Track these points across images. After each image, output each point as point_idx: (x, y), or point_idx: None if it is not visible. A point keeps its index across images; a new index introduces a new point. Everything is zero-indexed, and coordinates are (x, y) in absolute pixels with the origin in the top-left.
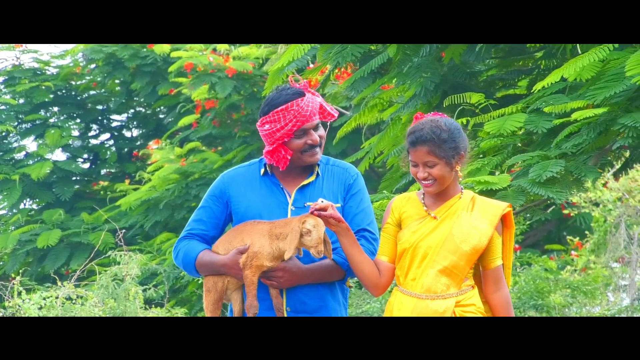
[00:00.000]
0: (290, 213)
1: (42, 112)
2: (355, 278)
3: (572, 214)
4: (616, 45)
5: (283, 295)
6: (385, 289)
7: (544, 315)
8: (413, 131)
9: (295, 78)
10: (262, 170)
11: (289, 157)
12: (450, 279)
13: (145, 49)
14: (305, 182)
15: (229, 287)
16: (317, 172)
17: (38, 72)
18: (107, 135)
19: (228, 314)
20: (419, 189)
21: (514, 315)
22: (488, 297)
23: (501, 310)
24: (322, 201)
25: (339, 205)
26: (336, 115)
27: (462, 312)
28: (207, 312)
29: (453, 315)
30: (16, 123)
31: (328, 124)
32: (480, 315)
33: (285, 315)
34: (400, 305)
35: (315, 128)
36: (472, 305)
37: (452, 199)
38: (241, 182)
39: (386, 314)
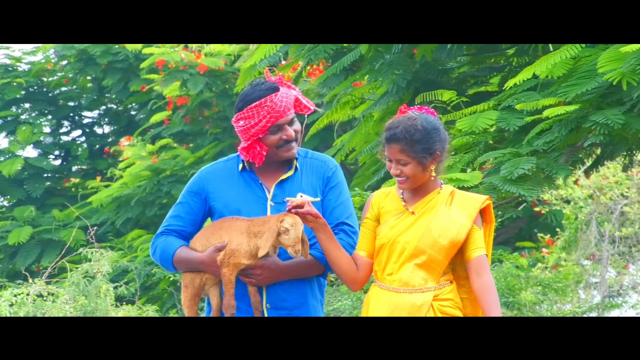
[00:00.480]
0: (270, 208)
1: (14, 109)
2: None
3: (543, 212)
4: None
5: (263, 292)
6: (364, 284)
7: (515, 312)
8: (389, 127)
9: (271, 71)
10: (240, 166)
11: (265, 153)
12: (428, 273)
13: (117, 46)
14: (284, 176)
15: (207, 283)
16: (296, 166)
17: (9, 69)
18: (78, 132)
19: (206, 308)
20: (394, 184)
21: (495, 300)
22: (472, 287)
23: (483, 297)
24: (300, 196)
25: (318, 199)
26: (312, 107)
27: (440, 306)
28: (185, 307)
29: (430, 309)
30: None
31: (305, 117)
32: (457, 310)
33: (265, 312)
34: (377, 299)
35: (291, 123)
36: (449, 300)
37: (431, 194)
38: (219, 177)
39: (363, 308)
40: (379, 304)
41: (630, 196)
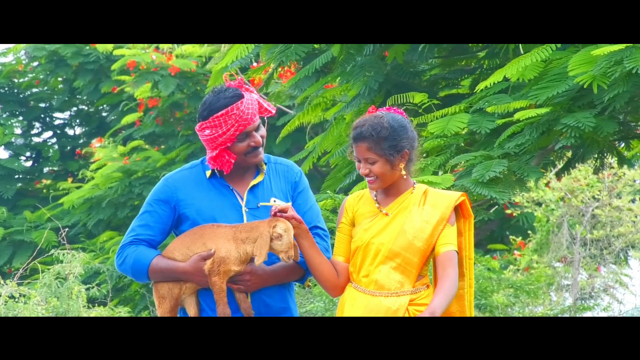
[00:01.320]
0: (245, 214)
1: None
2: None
3: (514, 214)
4: (559, 45)
5: (248, 299)
6: (344, 289)
7: (487, 314)
8: (355, 126)
9: (230, 77)
10: (209, 173)
11: (233, 161)
12: (404, 275)
13: (87, 47)
14: (254, 182)
15: (185, 292)
16: (264, 171)
17: None
18: (49, 133)
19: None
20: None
21: (447, 289)
22: (437, 281)
23: (436, 290)
24: (274, 201)
25: (289, 204)
26: (274, 111)
27: (416, 310)
28: None
29: (406, 313)
30: None
31: (266, 119)
32: None
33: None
34: (353, 301)
35: (257, 129)
36: (425, 305)
37: (404, 195)
38: (188, 185)
39: (338, 310)
40: (354, 306)
41: (602, 199)
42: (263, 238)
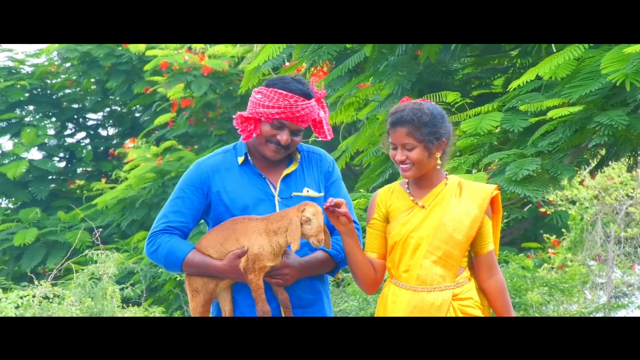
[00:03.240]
0: (278, 204)
1: (18, 111)
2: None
3: (548, 212)
4: (591, 43)
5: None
6: (379, 286)
7: (522, 313)
8: (394, 112)
9: (317, 84)
10: (241, 159)
11: (255, 136)
12: (445, 269)
13: (120, 48)
14: (287, 171)
15: (221, 286)
16: (298, 160)
17: (13, 71)
18: (82, 134)
19: (212, 313)
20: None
21: (509, 302)
22: (482, 285)
23: (497, 297)
24: (307, 191)
25: (322, 194)
26: (329, 138)
27: (460, 305)
28: (195, 313)
29: (450, 308)
30: None
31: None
32: (478, 309)
33: (290, 310)
34: (395, 298)
35: (295, 132)
36: (469, 299)
37: (438, 187)
38: (221, 171)
39: (379, 307)
40: (397, 303)
41: (635, 196)
42: (293, 224)
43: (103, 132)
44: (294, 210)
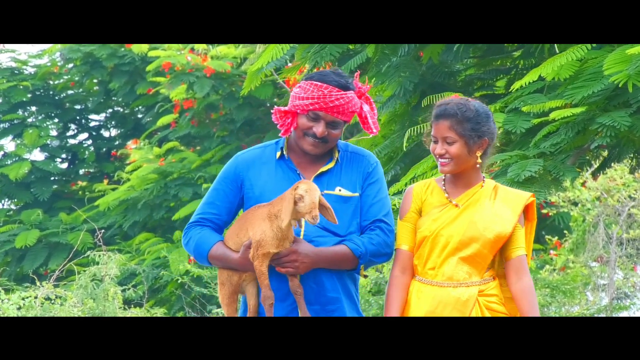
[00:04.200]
0: None
1: (20, 112)
2: (369, 267)
3: (550, 214)
4: (594, 44)
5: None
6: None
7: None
8: (439, 104)
9: (362, 79)
10: (278, 154)
11: (292, 129)
12: (472, 267)
13: (123, 49)
14: (324, 168)
15: (245, 279)
16: (337, 158)
17: (16, 72)
18: (85, 135)
19: (241, 307)
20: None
21: (535, 304)
22: (511, 288)
23: (522, 300)
24: (339, 190)
25: (356, 194)
26: (375, 132)
27: (486, 302)
28: (223, 305)
29: (476, 304)
30: None
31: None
32: (502, 306)
33: (301, 296)
34: (420, 293)
35: (333, 124)
36: (494, 296)
37: (474, 187)
38: (256, 164)
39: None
40: (421, 298)
41: (638, 198)
42: (286, 201)
43: (105, 133)
44: (290, 189)
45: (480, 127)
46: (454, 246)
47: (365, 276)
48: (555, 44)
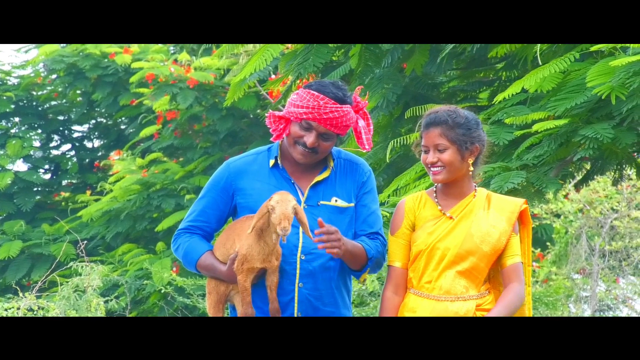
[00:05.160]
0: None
1: (3, 123)
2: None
3: (533, 226)
4: (577, 55)
5: (294, 300)
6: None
7: None
8: (429, 113)
9: (362, 94)
10: (272, 162)
11: (284, 136)
12: (470, 280)
13: (106, 60)
14: (320, 178)
15: (233, 289)
16: (332, 167)
17: None
18: (68, 146)
19: (230, 314)
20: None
21: (510, 305)
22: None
23: (501, 299)
24: (335, 201)
25: (352, 204)
26: (368, 148)
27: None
28: (210, 314)
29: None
30: None
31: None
32: None
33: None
34: (416, 306)
35: (325, 136)
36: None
37: (467, 198)
38: (250, 173)
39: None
40: (417, 312)
41: (620, 210)
42: (258, 211)
43: (88, 144)
44: (268, 199)
45: (471, 133)
46: (450, 259)
47: (363, 280)
48: (539, 56)
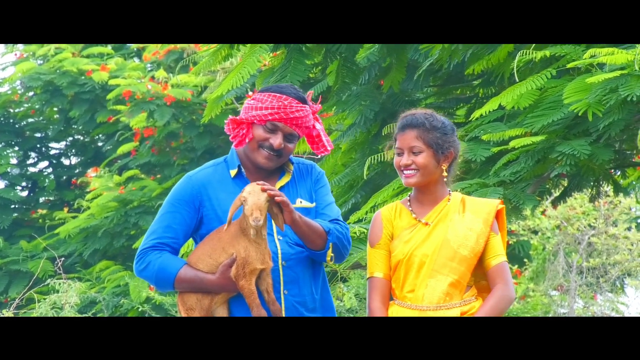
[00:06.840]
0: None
1: None
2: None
3: (510, 242)
4: (554, 72)
5: (281, 299)
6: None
7: None
8: (405, 115)
9: (313, 98)
10: (234, 172)
11: (246, 141)
12: (452, 287)
13: (83, 77)
14: (281, 182)
15: (217, 302)
16: (291, 171)
17: None
18: (45, 163)
19: None
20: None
21: (495, 307)
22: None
23: (483, 303)
24: (300, 202)
25: (313, 205)
26: (329, 149)
27: None
28: None
29: None
30: None
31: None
32: None
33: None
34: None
35: (289, 137)
36: None
37: (441, 203)
38: (213, 184)
39: None
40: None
41: (598, 227)
42: (232, 204)
43: (66, 161)
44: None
45: (448, 138)
46: (429, 267)
47: (330, 260)
48: (515, 73)
